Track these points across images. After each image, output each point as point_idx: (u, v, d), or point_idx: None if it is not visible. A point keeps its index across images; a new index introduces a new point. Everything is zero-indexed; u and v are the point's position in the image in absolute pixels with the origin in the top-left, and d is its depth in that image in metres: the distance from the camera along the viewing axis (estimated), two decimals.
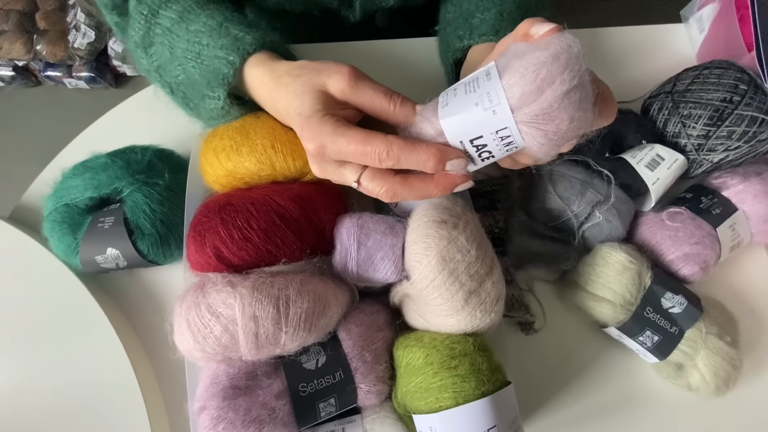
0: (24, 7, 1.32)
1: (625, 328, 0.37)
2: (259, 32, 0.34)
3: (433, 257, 0.31)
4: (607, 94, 0.28)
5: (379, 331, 0.35)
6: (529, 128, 0.25)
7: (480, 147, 0.26)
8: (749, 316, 0.41)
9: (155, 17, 0.37)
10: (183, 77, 0.37)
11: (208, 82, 0.34)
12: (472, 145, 0.26)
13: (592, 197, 0.39)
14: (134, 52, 0.40)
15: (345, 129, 0.27)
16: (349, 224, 0.34)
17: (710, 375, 0.36)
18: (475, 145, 0.26)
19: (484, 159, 0.28)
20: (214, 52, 0.34)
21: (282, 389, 0.31)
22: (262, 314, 0.29)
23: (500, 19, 0.38)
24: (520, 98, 0.24)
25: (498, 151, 0.27)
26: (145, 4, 0.38)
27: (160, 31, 0.37)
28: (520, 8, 0.40)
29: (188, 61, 0.35)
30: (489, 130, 0.25)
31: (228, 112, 0.36)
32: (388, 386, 0.34)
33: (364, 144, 0.27)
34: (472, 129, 0.26)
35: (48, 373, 0.38)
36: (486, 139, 0.26)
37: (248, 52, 0.33)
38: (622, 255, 0.37)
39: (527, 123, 0.25)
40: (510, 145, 0.26)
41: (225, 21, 0.35)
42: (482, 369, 0.30)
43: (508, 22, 0.38)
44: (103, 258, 0.37)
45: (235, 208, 0.34)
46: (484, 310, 0.31)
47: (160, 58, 0.38)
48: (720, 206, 0.40)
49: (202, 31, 0.35)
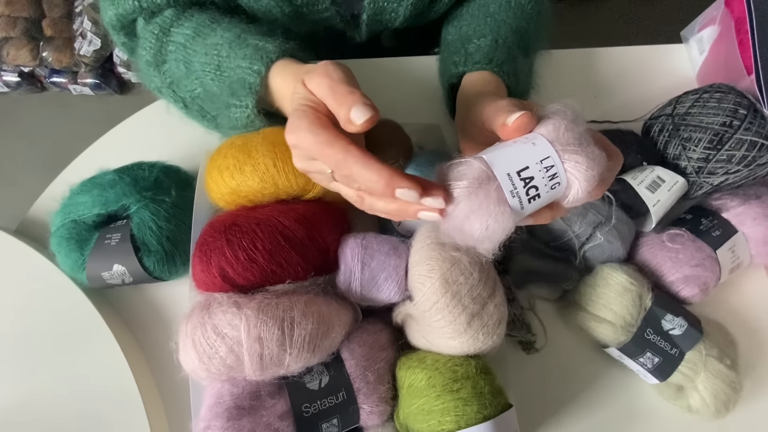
0: (31, 14, 1.33)
1: (625, 349, 0.38)
2: (279, 40, 0.35)
3: (437, 279, 0.31)
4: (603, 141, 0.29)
5: (382, 351, 0.35)
6: (570, 155, 0.25)
7: (527, 181, 0.25)
8: (749, 338, 0.42)
9: (167, 35, 0.38)
10: (200, 90, 0.37)
11: (232, 93, 0.34)
12: (520, 178, 0.25)
13: (594, 218, 0.40)
14: (145, 71, 0.40)
15: (317, 128, 0.26)
16: (353, 244, 0.35)
17: (710, 397, 0.36)
18: (523, 179, 0.25)
19: (531, 198, 0.25)
20: (236, 62, 0.34)
21: (285, 410, 0.31)
22: (267, 336, 0.30)
23: (494, 47, 0.39)
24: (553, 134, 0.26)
25: (543, 187, 0.25)
26: (156, 23, 0.38)
27: (174, 48, 0.37)
28: (515, 34, 0.41)
29: (207, 74, 0.36)
30: (534, 159, 0.25)
31: (252, 121, 0.36)
32: (390, 407, 0.34)
33: (326, 147, 0.25)
34: (517, 159, 0.25)
35: (52, 387, 0.38)
36: (532, 170, 0.25)
37: (271, 59, 0.33)
38: (623, 277, 0.38)
39: (567, 151, 0.25)
40: (554, 179, 0.25)
41: (242, 32, 0.36)
42: (484, 392, 0.30)
43: (503, 50, 0.39)
44: (110, 274, 0.38)
45: (241, 229, 0.34)
46: (486, 333, 0.31)
47: (173, 74, 0.38)
48: (720, 228, 0.41)
49: (221, 44, 0.35)
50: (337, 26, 0.45)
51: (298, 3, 0.40)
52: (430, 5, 0.44)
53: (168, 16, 0.38)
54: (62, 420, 0.38)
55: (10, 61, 1.30)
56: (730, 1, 0.48)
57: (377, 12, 0.43)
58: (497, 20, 0.41)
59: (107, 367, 0.38)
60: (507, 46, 0.39)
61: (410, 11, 0.42)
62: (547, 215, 0.28)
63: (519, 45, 0.41)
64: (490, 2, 0.44)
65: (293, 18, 0.42)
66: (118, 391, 0.38)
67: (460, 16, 0.45)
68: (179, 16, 0.38)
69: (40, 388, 0.38)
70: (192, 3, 0.39)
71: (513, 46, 0.40)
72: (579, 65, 0.54)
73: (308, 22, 0.44)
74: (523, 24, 0.42)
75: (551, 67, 0.53)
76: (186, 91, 0.38)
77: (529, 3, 0.44)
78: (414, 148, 0.42)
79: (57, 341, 0.39)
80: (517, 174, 0.25)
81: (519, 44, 0.41)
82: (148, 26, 0.39)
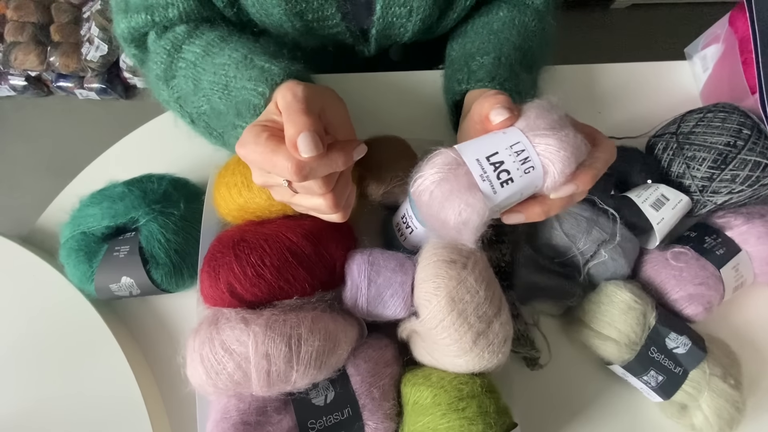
0: (39, 20, 1.34)
1: (629, 367, 0.38)
2: (284, 62, 0.35)
3: (443, 297, 0.31)
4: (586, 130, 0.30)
5: (387, 367, 0.35)
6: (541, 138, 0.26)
7: (497, 165, 0.26)
8: (753, 356, 0.42)
9: (179, 52, 0.38)
10: (206, 107, 0.38)
11: (238, 113, 0.35)
12: (489, 163, 0.26)
13: (598, 236, 0.40)
14: (155, 84, 0.41)
15: (261, 138, 0.27)
16: (360, 261, 0.35)
17: (714, 417, 0.36)
18: (492, 163, 0.26)
19: (503, 183, 0.26)
20: (242, 83, 0.35)
21: (291, 426, 0.31)
22: (274, 352, 0.30)
23: (497, 64, 0.39)
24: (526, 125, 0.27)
25: (516, 171, 0.26)
26: (168, 39, 0.39)
27: (184, 65, 0.38)
28: (518, 51, 0.41)
29: (215, 93, 0.36)
30: (503, 145, 0.26)
31: None
32: (395, 423, 0.34)
33: (272, 155, 0.26)
34: (487, 145, 0.26)
35: (58, 397, 0.39)
36: (502, 155, 0.26)
37: (276, 82, 0.34)
38: (627, 295, 0.38)
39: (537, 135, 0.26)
40: (527, 163, 0.26)
41: (249, 53, 0.36)
42: (489, 411, 0.30)
43: (505, 67, 0.39)
44: (118, 286, 0.38)
45: (249, 245, 0.34)
46: (492, 352, 0.32)
47: (182, 90, 0.39)
48: (724, 246, 0.41)
49: (228, 64, 0.36)
50: (346, 41, 0.45)
51: (308, 18, 0.41)
52: (438, 21, 0.44)
53: (180, 32, 0.39)
54: (67, 429, 0.38)
55: (18, 65, 1.32)
56: (735, 21, 0.48)
57: (386, 27, 0.43)
58: (500, 38, 0.42)
59: (113, 378, 0.38)
60: (509, 64, 0.40)
61: (419, 27, 0.43)
62: (537, 210, 0.29)
63: (522, 62, 0.41)
64: (494, 20, 0.44)
65: (303, 33, 0.43)
66: (124, 401, 0.38)
67: (465, 33, 0.45)
68: (191, 34, 0.38)
69: (48, 397, 0.39)
70: (204, 19, 0.40)
71: (515, 63, 0.40)
72: (583, 81, 0.54)
73: (318, 37, 0.44)
74: (527, 42, 0.43)
75: (555, 83, 0.54)
76: (193, 107, 0.39)
77: (533, 21, 0.44)
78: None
79: (64, 351, 0.40)
80: (486, 159, 0.26)
81: (522, 61, 0.41)
82: (159, 41, 0.39)
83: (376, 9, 0.41)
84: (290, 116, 0.27)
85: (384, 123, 0.46)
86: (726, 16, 0.50)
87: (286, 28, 0.42)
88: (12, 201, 1.34)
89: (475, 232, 0.27)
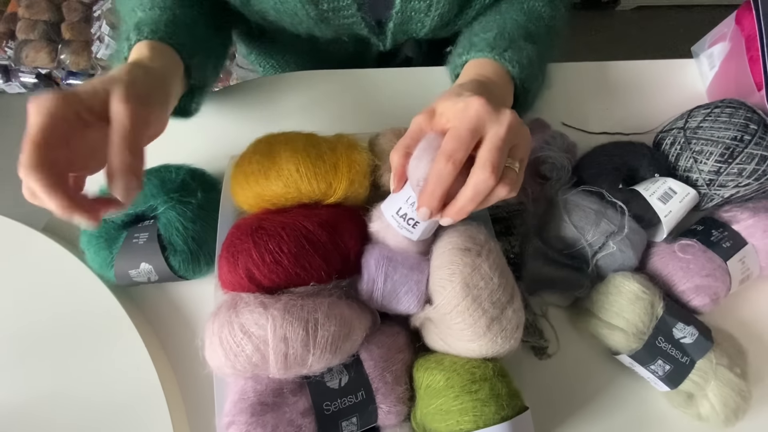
0: (50, 18, 1.36)
1: (637, 356, 0.39)
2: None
3: (458, 283, 0.32)
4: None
5: (399, 353, 0.36)
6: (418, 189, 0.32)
7: (404, 216, 0.34)
8: (758, 348, 0.42)
9: None
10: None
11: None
12: (399, 216, 0.35)
13: (607, 228, 0.41)
14: None
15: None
16: (378, 256, 0.36)
17: (720, 405, 0.37)
18: (401, 216, 0.34)
19: (413, 225, 0.34)
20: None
21: (307, 407, 0.32)
22: (292, 336, 0.31)
23: (498, 37, 0.39)
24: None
25: (413, 213, 0.34)
26: None
27: None
28: (522, 29, 0.41)
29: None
30: (403, 200, 0.34)
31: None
32: (407, 407, 0.35)
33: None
34: (394, 206, 0.35)
35: (78, 380, 0.40)
36: (405, 209, 0.34)
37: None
38: (636, 285, 0.39)
39: (417, 188, 0.32)
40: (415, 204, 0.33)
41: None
42: (502, 394, 0.31)
43: (505, 39, 0.39)
44: (137, 272, 0.39)
45: (267, 232, 0.35)
46: (505, 337, 0.32)
47: None
48: (730, 239, 0.42)
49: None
50: (361, 33, 0.46)
51: (324, 7, 0.42)
52: (456, 17, 0.45)
53: None
54: (86, 412, 0.39)
55: (29, 62, 1.33)
56: (741, 19, 0.49)
57: (404, 21, 0.44)
58: (505, 18, 0.42)
59: (131, 362, 0.39)
60: (510, 38, 0.39)
61: (437, 22, 0.43)
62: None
63: (525, 39, 0.41)
64: (504, 5, 0.44)
65: (318, 22, 0.43)
66: (141, 383, 0.39)
67: (476, 21, 0.46)
68: None
69: (68, 380, 0.39)
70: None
71: (518, 38, 0.40)
72: (592, 78, 0.55)
73: (333, 27, 0.45)
74: (532, 24, 0.42)
75: (565, 80, 0.55)
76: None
77: (544, 7, 0.44)
78: None
79: (84, 336, 0.41)
80: (397, 213, 0.35)
81: (525, 38, 0.41)
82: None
83: (395, 2, 0.42)
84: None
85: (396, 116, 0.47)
86: (732, 15, 0.51)
87: (300, 17, 0.42)
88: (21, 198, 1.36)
89: (415, 245, 0.36)
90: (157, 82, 0.34)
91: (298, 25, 0.45)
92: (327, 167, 0.38)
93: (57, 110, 0.28)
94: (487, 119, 0.30)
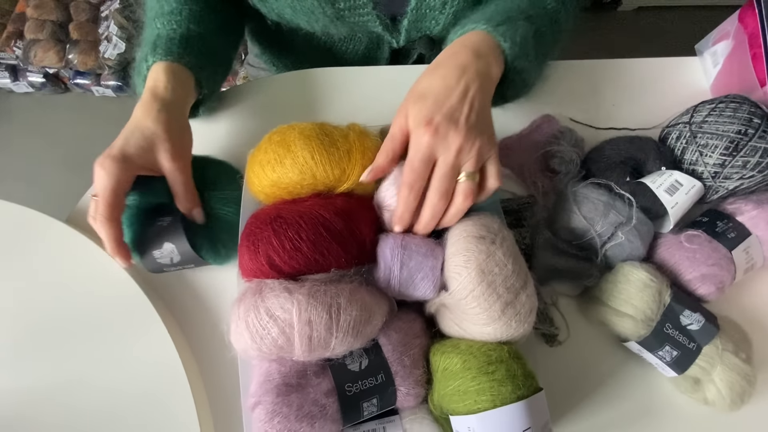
0: (58, 18, 1.37)
1: (645, 342, 0.40)
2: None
3: (473, 269, 0.33)
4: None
5: (416, 338, 0.38)
6: None
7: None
8: (762, 335, 0.44)
9: None
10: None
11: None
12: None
13: (615, 218, 0.42)
14: None
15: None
16: (393, 244, 0.37)
17: (726, 390, 0.38)
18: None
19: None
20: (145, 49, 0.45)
21: (330, 388, 0.33)
22: (316, 319, 0.32)
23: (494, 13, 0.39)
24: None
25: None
26: None
27: None
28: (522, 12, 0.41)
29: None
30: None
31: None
32: (425, 390, 0.36)
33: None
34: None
35: (102, 368, 0.41)
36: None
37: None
38: (644, 273, 0.40)
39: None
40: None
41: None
42: (517, 375, 0.32)
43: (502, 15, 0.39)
44: (160, 252, 0.40)
45: (286, 221, 0.36)
46: (519, 321, 0.34)
47: None
48: (735, 230, 0.43)
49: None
50: (375, 30, 0.47)
51: (340, 6, 0.43)
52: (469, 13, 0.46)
53: None
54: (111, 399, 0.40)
55: (37, 62, 1.35)
56: (744, 17, 0.51)
57: (419, 18, 0.45)
58: (507, 2, 0.42)
59: (154, 349, 0.41)
60: (508, 16, 0.39)
61: (450, 19, 0.44)
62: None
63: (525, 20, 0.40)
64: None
65: (334, 19, 0.45)
66: (165, 370, 0.40)
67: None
68: None
69: (92, 368, 0.41)
70: None
71: (516, 18, 0.39)
72: (599, 75, 0.57)
73: (348, 24, 0.46)
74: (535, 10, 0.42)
75: (572, 77, 0.56)
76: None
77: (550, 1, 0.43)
78: None
79: (108, 323, 0.42)
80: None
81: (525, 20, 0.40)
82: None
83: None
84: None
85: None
86: (735, 14, 0.52)
87: (317, 15, 0.44)
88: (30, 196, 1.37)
89: None
90: (182, 116, 0.42)
91: (314, 23, 0.46)
92: (341, 154, 0.39)
93: (121, 174, 0.36)
94: (435, 148, 0.35)
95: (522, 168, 0.50)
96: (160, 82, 0.41)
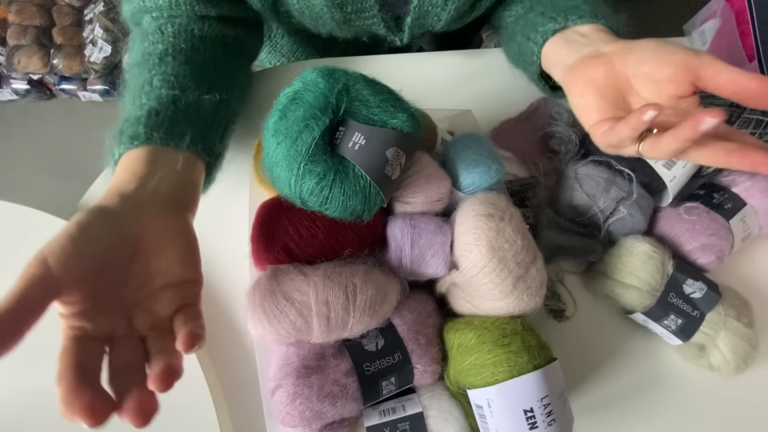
0: (41, 23, 1.35)
1: (650, 312, 0.41)
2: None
3: (484, 246, 0.34)
4: None
5: (429, 318, 0.38)
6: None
7: None
8: (760, 301, 0.45)
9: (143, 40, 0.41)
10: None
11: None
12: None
13: (616, 194, 0.43)
14: None
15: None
16: (403, 225, 0.38)
17: (730, 354, 0.40)
18: None
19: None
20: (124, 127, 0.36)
21: (349, 368, 0.34)
22: (333, 300, 0.32)
23: (589, 2, 0.38)
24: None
25: None
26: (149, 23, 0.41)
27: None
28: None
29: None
30: None
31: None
32: (440, 367, 0.37)
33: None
34: None
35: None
36: None
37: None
38: (646, 245, 0.41)
39: None
40: None
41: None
42: (532, 345, 0.33)
43: (598, 5, 0.38)
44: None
45: (301, 209, 0.37)
46: (530, 294, 0.34)
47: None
48: (731, 201, 0.44)
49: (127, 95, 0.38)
50: (380, 31, 0.47)
51: (348, 10, 0.43)
52: (470, 9, 0.47)
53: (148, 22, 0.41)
54: None
55: (21, 68, 1.32)
56: None
57: (422, 16, 0.45)
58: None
59: None
60: (596, 3, 0.38)
61: (452, 15, 0.45)
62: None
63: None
64: None
65: (341, 23, 0.45)
66: None
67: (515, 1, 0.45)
68: (156, 30, 0.40)
69: None
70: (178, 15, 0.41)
71: (599, 4, 0.39)
72: None
73: (354, 28, 0.46)
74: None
75: None
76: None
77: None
78: (444, 135, 0.45)
79: None
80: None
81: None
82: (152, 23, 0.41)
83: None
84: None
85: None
86: None
87: (324, 19, 0.44)
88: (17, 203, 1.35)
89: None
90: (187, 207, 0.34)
91: (321, 27, 0.46)
92: None
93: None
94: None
95: (522, 150, 0.51)
96: (156, 185, 0.32)
